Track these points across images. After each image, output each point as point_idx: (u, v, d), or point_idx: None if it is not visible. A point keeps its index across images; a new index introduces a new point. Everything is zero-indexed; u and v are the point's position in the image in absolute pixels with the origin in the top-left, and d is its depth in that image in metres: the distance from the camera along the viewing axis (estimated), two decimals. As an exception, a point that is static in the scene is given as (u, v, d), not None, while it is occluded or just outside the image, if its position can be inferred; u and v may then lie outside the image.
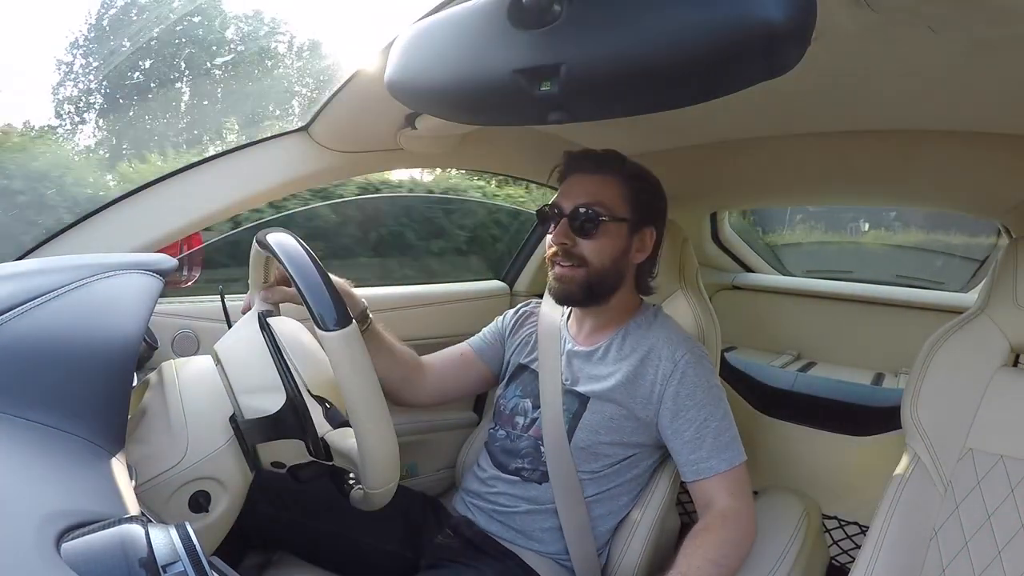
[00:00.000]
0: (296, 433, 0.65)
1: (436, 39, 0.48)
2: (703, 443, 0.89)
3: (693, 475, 0.90)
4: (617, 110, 0.49)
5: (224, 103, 2.59)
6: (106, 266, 0.56)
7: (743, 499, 0.89)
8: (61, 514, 0.36)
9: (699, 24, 0.37)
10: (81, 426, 0.46)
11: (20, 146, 1.73)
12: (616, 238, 0.94)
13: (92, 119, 2.46)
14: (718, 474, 0.88)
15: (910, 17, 0.55)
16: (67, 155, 2.10)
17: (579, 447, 0.93)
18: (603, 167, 0.96)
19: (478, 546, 0.93)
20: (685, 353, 0.92)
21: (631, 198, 0.95)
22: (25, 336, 0.47)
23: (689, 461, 0.90)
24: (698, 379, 0.91)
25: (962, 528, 0.82)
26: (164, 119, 2.57)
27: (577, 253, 0.92)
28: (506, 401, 1.05)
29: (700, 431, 0.89)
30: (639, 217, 0.96)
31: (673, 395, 0.90)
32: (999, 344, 0.89)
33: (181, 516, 0.61)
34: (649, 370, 0.92)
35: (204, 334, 1.02)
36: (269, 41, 2.90)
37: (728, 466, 0.89)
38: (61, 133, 2.32)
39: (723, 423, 0.91)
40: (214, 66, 2.75)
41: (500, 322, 1.14)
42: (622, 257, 0.96)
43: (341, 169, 1.01)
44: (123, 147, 2.37)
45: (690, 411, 0.90)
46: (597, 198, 0.93)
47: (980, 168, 0.98)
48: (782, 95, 0.85)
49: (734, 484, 0.89)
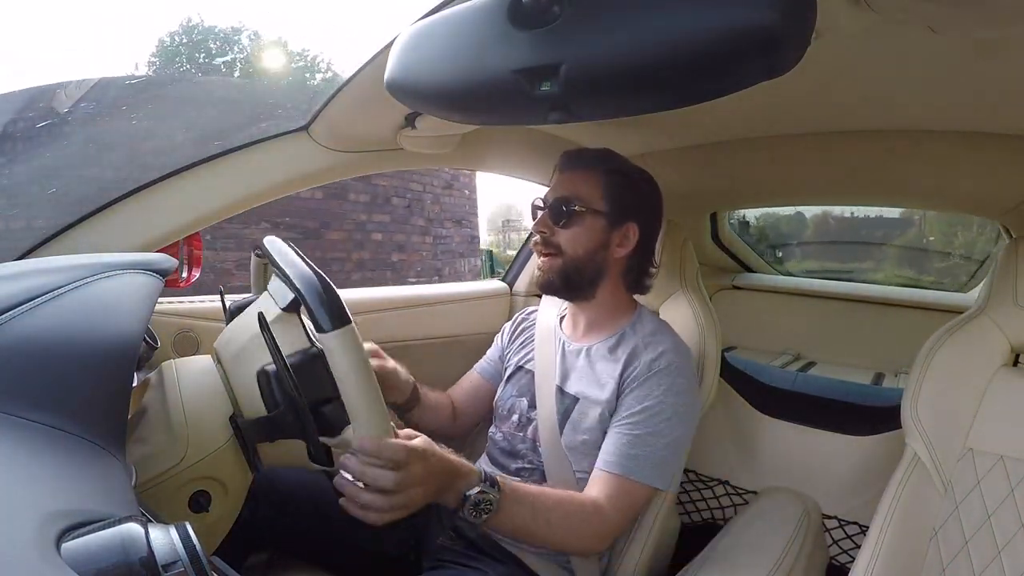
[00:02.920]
0: (296, 433, 0.65)
1: (436, 39, 0.48)
2: (631, 446, 0.87)
3: (601, 464, 0.88)
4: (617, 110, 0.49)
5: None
6: (106, 266, 0.56)
7: (621, 514, 0.86)
8: (61, 514, 0.36)
9: (699, 24, 0.37)
10: (81, 426, 0.46)
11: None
12: (591, 230, 0.97)
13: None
14: (612, 474, 0.86)
15: (910, 17, 0.55)
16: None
17: (570, 446, 0.94)
18: (586, 163, 0.99)
19: (480, 548, 0.93)
20: (659, 365, 0.92)
21: (609, 193, 0.97)
22: (25, 336, 0.47)
23: (606, 451, 0.89)
24: (655, 388, 0.90)
25: (962, 528, 0.82)
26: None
27: (554, 242, 0.97)
28: (503, 401, 1.06)
29: (625, 436, 0.88)
30: (618, 211, 0.98)
31: (635, 395, 0.90)
32: (999, 344, 0.89)
33: (181, 516, 0.61)
34: (628, 370, 0.93)
35: (204, 334, 1.02)
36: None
37: (623, 473, 0.86)
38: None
39: (662, 442, 0.88)
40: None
41: (499, 340, 1.18)
42: (599, 250, 0.98)
43: (341, 169, 1.01)
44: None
45: (629, 415, 0.89)
46: (575, 191, 0.97)
47: (980, 168, 0.98)
48: (782, 95, 0.85)
49: (624, 496, 0.86)
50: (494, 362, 1.16)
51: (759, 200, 1.62)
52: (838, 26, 0.55)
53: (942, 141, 0.95)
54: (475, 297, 1.48)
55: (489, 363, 1.17)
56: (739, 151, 1.14)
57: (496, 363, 1.16)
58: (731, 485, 1.40)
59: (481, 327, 1.45)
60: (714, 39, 0.37)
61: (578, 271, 0.97)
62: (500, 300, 1.53)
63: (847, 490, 1.27)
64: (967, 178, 1.02)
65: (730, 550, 0.98)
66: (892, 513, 0.85)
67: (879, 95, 0.82)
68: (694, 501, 1.45)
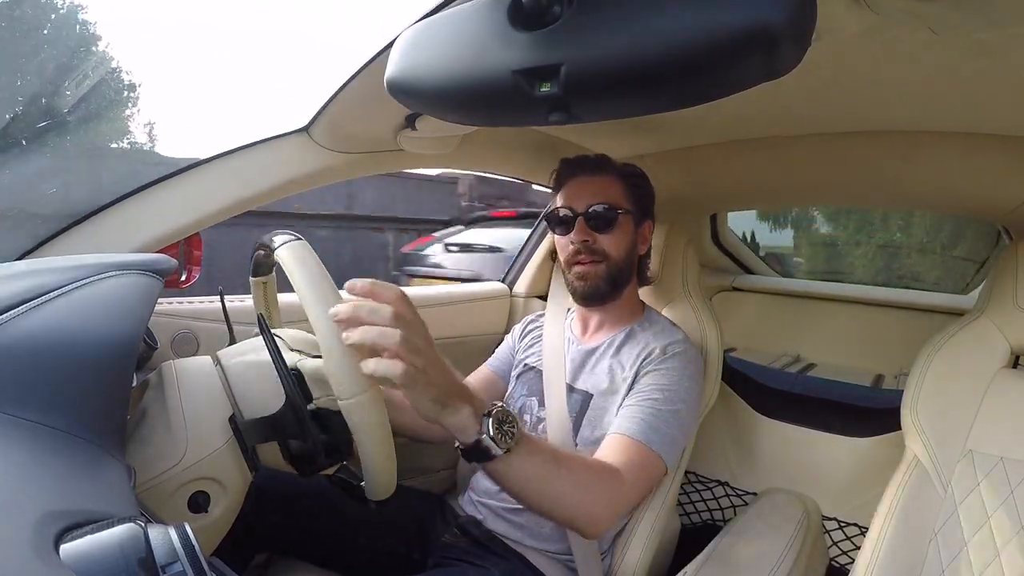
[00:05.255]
0: (296, 434, 0.65)
1: (436, 39, 0.48)
2: (640, 412, 0.87)
3: (619, 428, 0.86)
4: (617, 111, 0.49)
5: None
6: (106, 266, 0.56)
7: (637, 482, 0.83)
8: (60, 514, 0.36)
9: (699, 25, 0.37)
10: (80, 426, 0.46)
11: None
12: (627, 232, 1.01)
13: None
14: (632, 439, 0.84)
15: (910, 17, 0.55)
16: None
17: (587, 443, 0.94)
18: (602, 169, 1.03)
19: (485, 546, 0.93)
20: (675, 349, 0.95)
21: (631, 194, 1.02)
22: (25, 336, 0.47)
23: (624, 417, 0.88)
24: (672, 370, 0.92)
25: (962, 529, 0.82)
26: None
27: (599, 248, 0.99)
28: (513, 401, 1.07)
29: (644, 406, 0.88)
30: (640, 211, 1.04)
31: (654, 375, 0.92)
32: (999, 346, 0.89)
33: (180, 516, 0.61)
34: (646, 356, 0.95)
35: (204, 334, 1.02)
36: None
37: (644, 440, 0.84)
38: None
39: (676, 421, 0.88)
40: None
41: (509, 338, 1.19)
42: (632, 250, 1.03)
43: (340, 170, 1.01)
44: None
45: (649, 389, 0.90)
46: (608, 197, 0.99)
47: (980, 170, 0.98)
48: (782, 95, 0.85)
49: (637, 459, 0.83)
50: (506, 359, 1.16)
51: (759, 202, 1.62)
52: (838, 27, 0.55)
53: (942, 142, 0.95)
54: (475, 299, 1.48)
55: (501, 360, 1.17)
56: (739, 152, 1.14)
57: (508, 359, 1.16)
58: (731, 486, 1.40)
59: (481, 328, 1.45)
60: (714, 40, 0.37)
61: (621, 273, 1.01)
62: (500, 302, 1.53)
63: (847, 491, 1.26)
64: (967, 180, 1.02)
65: (730, 551, 0.98)
66: (892, 514, 0.85)
67: (879, 96, 0.82)
68: (694, 502, 1.45)
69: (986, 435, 0.85)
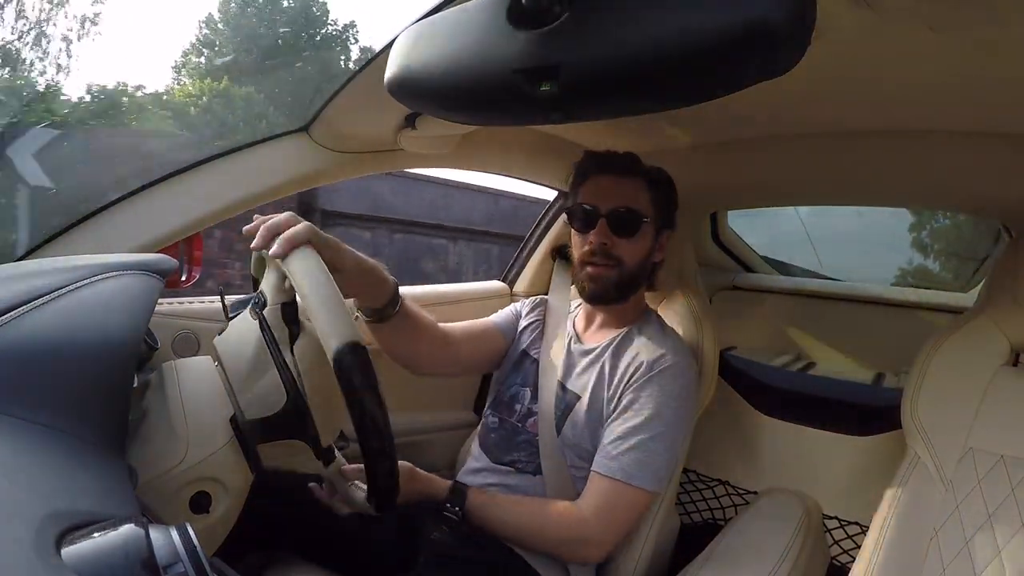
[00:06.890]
0: (297, 434, 0.65)
1: (436, 39, 0.48)
2: (623, 445, 0.88)
3: (596, 466, 0.89)
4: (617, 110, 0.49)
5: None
6: (106, 267, 0.56)
7: (603, 517, 0.87)
8: (61, 515, 0.36)
9: (699, 24, 0.37)
10: (81, 427, 0.46)
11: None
12: (647, 241, 0.98)
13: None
14: (612, 479, 0.87)
15: (910, 17, 0.55)
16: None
17: (568, 443, 0.94)
18: (631, 170, 0.98)
19: (475, 541, 0.93)
20: (662, 364, 0.93)
21: (657, 201, 0.98)
22: (25, 337, 0.47)
23: (598, 451, 0.90)
24: (654, 395, 0.90)
25: (962, 528, 0.82)
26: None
27: (615, 253, 0.96)
28: (506, 388, 1.06)
29: (628, 440, 0.88)
30: (663, 220, 1.00)
31: (633, 396, 0.91)
32: (999, 343, 0.89)
33: (182, 517, 0.61)
34: (629, 370, 0.94)
35: (204, 334, 1.02)
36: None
37: (624, 479, 0.86)
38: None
39: (652, 440, 0.88)
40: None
41: (515, 307, 1.15)
42: (648, 259, 0.99)
43: (341, 169, 1.01)
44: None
45: (631, 415, 0.90)
46: (633, 202, 0.95)
47: (980, 168, 0.97)
48: (782, 95, 0.85)
49: (612, 500, 0.87)
50: (509, 320, 1.12)
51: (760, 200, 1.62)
52: (838, 26, 0.55)
53: (942, 141, 0.94)
54: (475, 297, 1.48)
55: (503, 318, 1.13)
56: (739, 151, 1.14)
57: (512, 322, 1.12)
58: (731, 485, 1.40)
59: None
60: (714, 39, 0.37)
61: (632, 279, 0.98)
62: (500, 300, 1.52)
63: (847, 490, 1.26)
64: (967, 178, 1.02)
65: (730, 550, 0.98)
66: (892, 513, 0.85)
67: (879, 95, 0.82)
68: (694, 501, 1.45)
69: (987, 433, 0.85)
